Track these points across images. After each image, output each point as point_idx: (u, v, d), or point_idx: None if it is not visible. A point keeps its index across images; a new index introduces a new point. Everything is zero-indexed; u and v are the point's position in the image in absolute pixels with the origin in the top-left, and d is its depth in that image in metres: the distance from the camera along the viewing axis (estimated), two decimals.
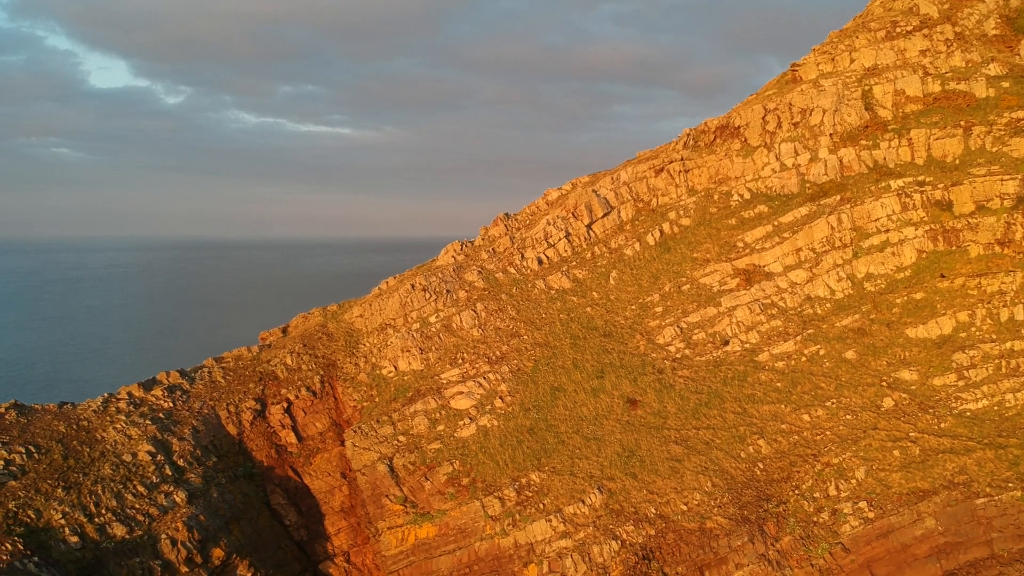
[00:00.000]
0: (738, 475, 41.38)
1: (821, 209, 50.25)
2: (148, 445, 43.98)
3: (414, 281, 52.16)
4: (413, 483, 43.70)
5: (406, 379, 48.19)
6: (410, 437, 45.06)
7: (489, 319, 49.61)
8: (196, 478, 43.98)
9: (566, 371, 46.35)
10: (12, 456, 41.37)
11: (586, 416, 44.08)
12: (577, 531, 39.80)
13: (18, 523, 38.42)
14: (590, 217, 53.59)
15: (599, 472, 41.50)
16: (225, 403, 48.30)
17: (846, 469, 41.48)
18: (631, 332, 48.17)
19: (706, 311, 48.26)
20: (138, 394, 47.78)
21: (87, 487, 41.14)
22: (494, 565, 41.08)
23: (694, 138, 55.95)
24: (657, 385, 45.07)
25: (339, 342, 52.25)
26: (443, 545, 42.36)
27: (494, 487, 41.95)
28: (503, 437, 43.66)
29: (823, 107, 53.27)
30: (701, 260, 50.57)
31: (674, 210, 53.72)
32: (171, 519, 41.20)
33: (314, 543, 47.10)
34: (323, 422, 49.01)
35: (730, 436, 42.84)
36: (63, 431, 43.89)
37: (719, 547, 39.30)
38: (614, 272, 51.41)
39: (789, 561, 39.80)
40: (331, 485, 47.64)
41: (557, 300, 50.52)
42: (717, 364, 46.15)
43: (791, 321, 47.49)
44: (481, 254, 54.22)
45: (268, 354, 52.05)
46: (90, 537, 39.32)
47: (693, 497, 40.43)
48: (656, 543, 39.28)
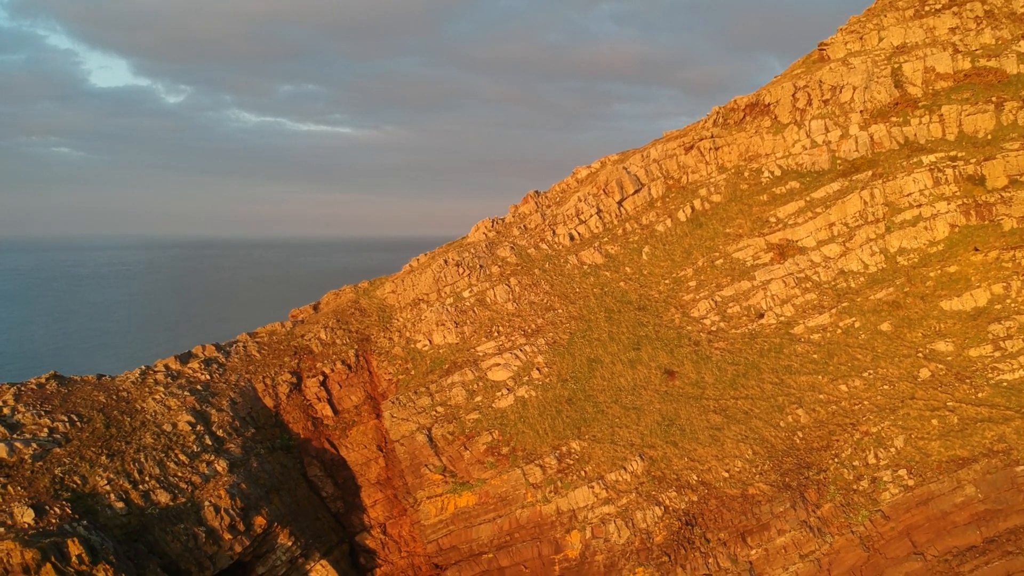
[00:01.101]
0: (778, 443, 41.60)
1: (853, 184, 50.47)
2: (188, 415, 44.15)
3: (447, 257, 52.37)
4: (452, 453, 43.89)
5: (442, 352, 48.39)
6: (448, 408, 45.26)
7: (523, 293, 49.80)
8: (236, 448, 44.17)
9: (602, 343, 46.56)
10: (55, 424, 41.54)
11: (624, 387, 44.29)
12: (620, 497, 40.00)
13: (65, 488, 38.62)
14: (621, 194, 53.80)
15: (639, 440, 41.70)
16: (261, 376, 48.49)
17: (885, 438, 41.69)
18: (665, 306, 48.39)
19: (740, 285, 48.47)
20: (175, 367, 47.96)
21: (130, 455, 41.32)
22: (535, 532, 41.29)
23: (723, 116, 56.16)
24: (694, 357, 45.29)
25: (372, 317, 52.43)
26: (483, 514, 42.57)
27: (535, 455, 42.15)
28: (542, 407, 43.87)
29: (853, 84, 53.50)
30: (734, 235, 50.79)
31: (704, 187, 53.93)
32: (213, 487, 41.38)
33: (350, 515, 47.24)
34: (358, 395, 49.18)
35: (769, 406, 43.06)
36: (103, 401, 44.07)
37: (761, 513, 39.51)
38: (646, 247, 51.62)
39: (830, 528, 40.01)
40: (367, 457, 47.79)
41: (590, 275, 50.73)
42: (753, 336, 46.37)
43: (825, 294, 47.72)
44: (512, 230, 54.41)
45: (302, 329, 52.23)
46: (135, 503, 39.50)
47: (735, 464, 40.64)
48: (699, 509, 39.50)
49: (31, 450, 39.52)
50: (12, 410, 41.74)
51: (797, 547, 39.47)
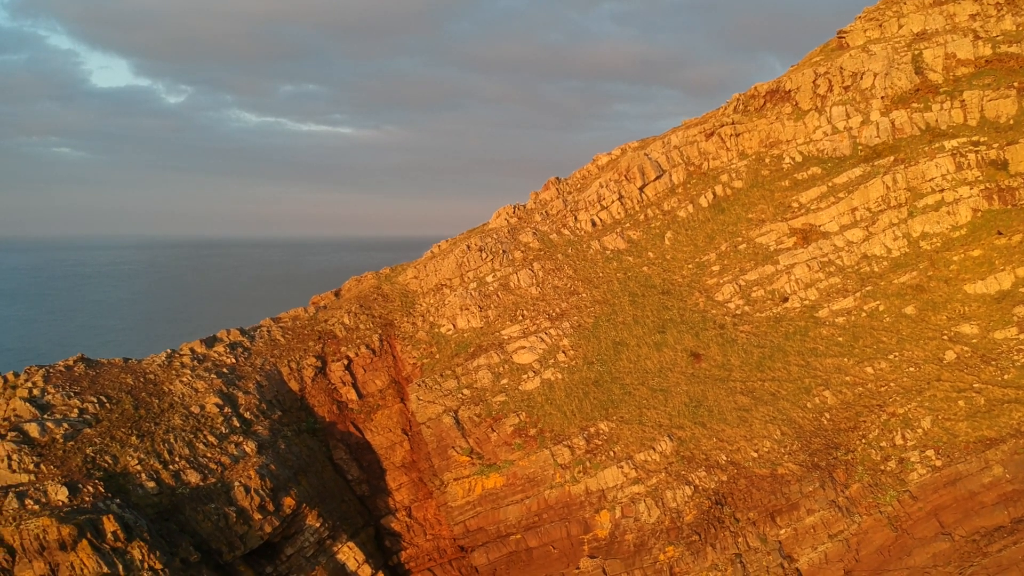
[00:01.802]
0: (806, 424, 41.73)
1: (875, 170, 50.61)
2: (215, 398, 44.27)
3: (469, 242, 52.48)
4: (479, 435, 44.01)
5: (466, 336, 48.51)
6: (474, 390, 45.38)
7: (547, 278, 49.93)
8: (263, 430, 44.29)
9: (627, 326, 46.69)
10: (85, 405, 41.67)
11: (650, 369, 44.41)
12: (649, 477, 40.14)
13: (97, 468, 38.74)
14: (642, 180, 53.93)
15: (668, 421, 41.83)
16: (286, 360, 48.61)
17: (912, 419, 41.82)
18: (689, 290, 48.52)
19: (764, 269, 48.60)
20: (200, 350, 48.07)
21: (159, 436, 41.44)
22: (564, 513, 41.41)
23: (743, 103, 56.30)
24: (720, 339, 45.42)
25: (395, 303, 52.55)
26: (510, 495, 42.67)
27: (562, 436, 42.27)
28: (568, 389, 43.99)
29: (874, 71, 53.64)
30: (756, 220, 50.92)
31: (726, 173, 54.06)
32: (243, 468, 41.49)
33: (375, 498, 47.33)
34: (382, 379, 49.28)
35: (795, 388, 43.18)
36: (131, 383, 44.18)
37: (791, 493, 39.63)
38: (669, 233, 51.76)
39: (858, 508, 40.13)
40: (392, 441, 47.90)
41: (613, 260, 50.86)
42: (778, 320, 46.50)
43: (849, 278, 47.85)
44: (534, 216, 54.53)
45: (324, 314, 52.34)
46: (166, 483, 39.62)
47: (763, 445, 40.78)
48: (728, 489, 39.63)
49: (62, 430, 39.66)
50: (42, 391, 41.87)
51: (826, 527, 39.58)
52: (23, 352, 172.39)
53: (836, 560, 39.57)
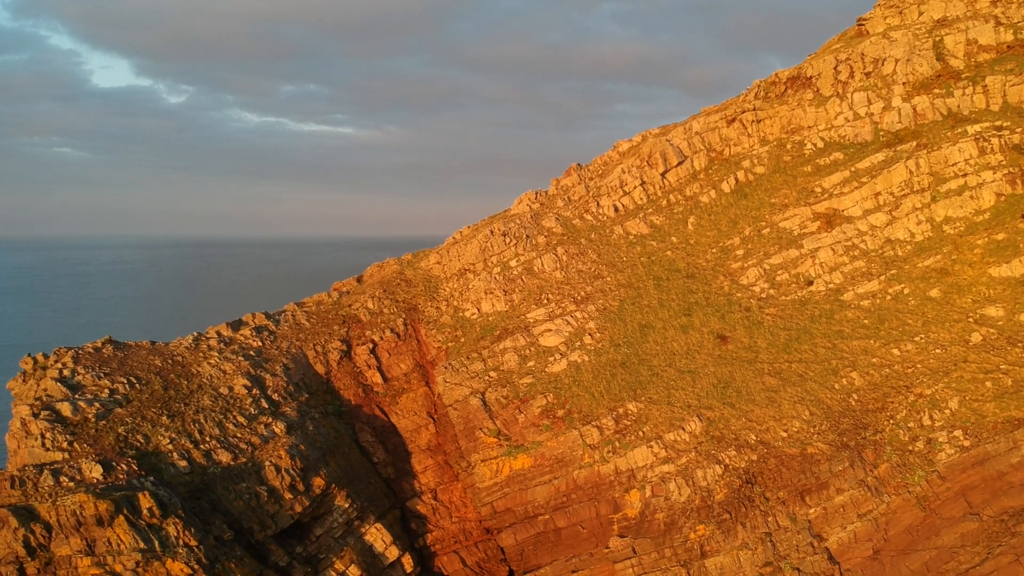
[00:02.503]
0: (834, 405, 41.86)
1: (898, 155, 50.71)
2: (243, 379, 44.39)
3: (492, 227, 52.62)
4: (506, 416, 44.14)
5: (491, 319, 48.65)
6: (501, 373, 45.51)
7: (571, 262, 50.05)
8: (291, 412, 44.42)
9: (652, 309, 46.82)
10: (115, 386, 41.80)
11: (677, 351, 44.55)
12: (679, 456, 40.26)
13: (129, 447, 38.88)
14: (664, 165, 54.05)
15: (696, 402, 41.96)
16: (311, 343, 48.75)
17: (939, 400, 41.93)
18: (714, 273, 48.65)
19: (788, 253, 48.71)
20: (226, 333, 48.21)
21: (189, 416, 41.57)
22: (593, 493, 41.53)
23: (764, 89, 56.43)
24: (746, 322, 45.55)
25: (418, 287, 52.67)
26: (538, 476, 42.79)
27: (591, 417, 42.40)
28: (596, 371, 44.12)
29: (895, 57, 53.76)
30: (779, 205, 51.05)
31: (747, 159, 54.19)
32: (273, 448, 41.62)
33: (401, 481, 47.46)
34: (407, 363, 49.41)
35: (823, 369, 43.30)
36: (159, 365, 44.33)
37: (820, 472, 39.75)
38: (692, 218, 51.88)
39: (887, 488, 40.25)
40: (417, 424, 48.02)
41: (636, 245, 50.99)
42: (803, 303, 46.63)
43: (873, 262, 47.96)
44: (556, 202, 54.67)
45: (348, 299, 52.48)
46: (197, 462, 39.76)
47: (792, 425, 40.90)
48: (758, 468, 39.75)
49: (94, 409, 39.81)
50: (72, 372, 42.02)
51: (855, 506, 39.71)
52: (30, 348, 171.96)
53: (865, 539, 39.71)
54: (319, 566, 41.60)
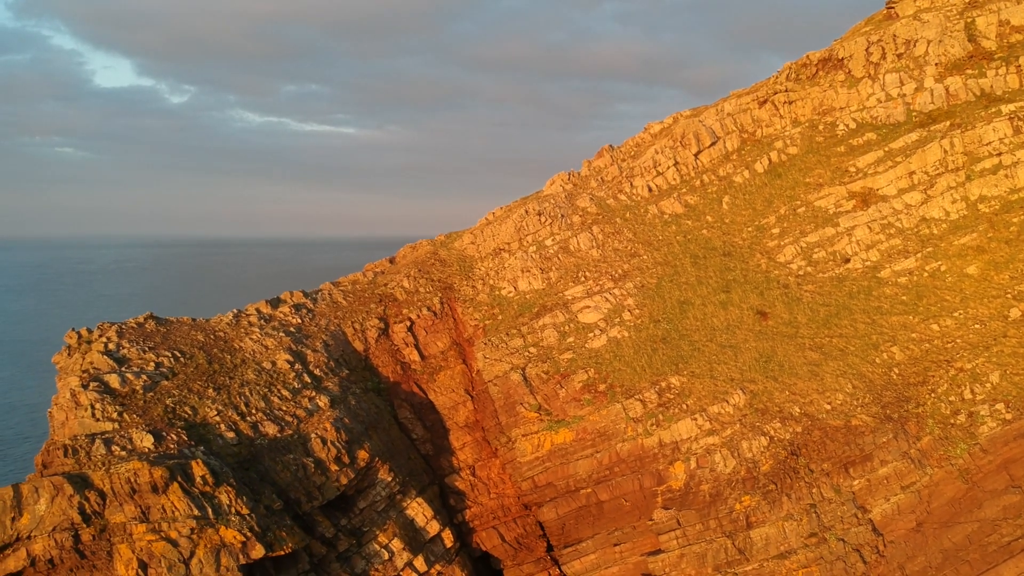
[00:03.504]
0: (876, 379, 42.06)
1: (932, 135, 50.92)
2: (285, 355, 44.60)
3: (527, 207, 52.82)
4: (547, 391, 44.32)
5: (528, 297, 48.85)
6: (541, 349, 45.71)
7: (607, 240, 50.26)
8: (333, 387, 44.62)
9: (691, 286, 47.02)
10: (160, 359, 42.02)
11: (718, 326, 44.75)
12: (724, 428, 40.45)
13: (178, 418, 39.09)
14: (698, 146, 54.26)
15: (739, 375, 42.16)
16: (349, 321, 48.95)
17: (980, 374, 42.13)
18: (750, 251, 48.85)
19: (824, 231, 48.92)
20: (266, 311, 48.42)
21: (235, 389, 41.78)
22: (636, 465, 41.71)
23: (795, 71, 56.62)
24: (785, 298, 45.76)
25: (453, 267, 52.88)
26: (580, 450, 42.96)
27: (633, 391, 42.59)
28: (637, 346, 44.32)
29: (927, 38, 53.96)
30: (814, 184, 51.25)
31: (780, 140, 54.39)
32: (318, 420, 41.82)
33: (439, 457, 47.64)
34: (444, 341, 49.60)
35: (863, 344, 43.50)
36: (202, 340, 44.53)
37: (864, 444, 39.94)
38: (726, 197, 52.08)
39: (929, 460, 40.45)
40: (455, 401, 48.20)
41: (671, 224, 51.20)
42: (841, 280, 46.83)
43: (909, 240, 48.17)
44: (590, 183, 54.87)
45: (384, 279, 52.69)
46: (244, 434, 39.96)
47: (836, 397, 41.09)
48: (803, 440, 39.94)
49: (141, 381, 40.02)
50: (117, 345, 42.24)
51: (899, 478, 39.91)
52: (38, 344, 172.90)
53: (908, 511, 39.91)
54: (363, 539, 41.79)
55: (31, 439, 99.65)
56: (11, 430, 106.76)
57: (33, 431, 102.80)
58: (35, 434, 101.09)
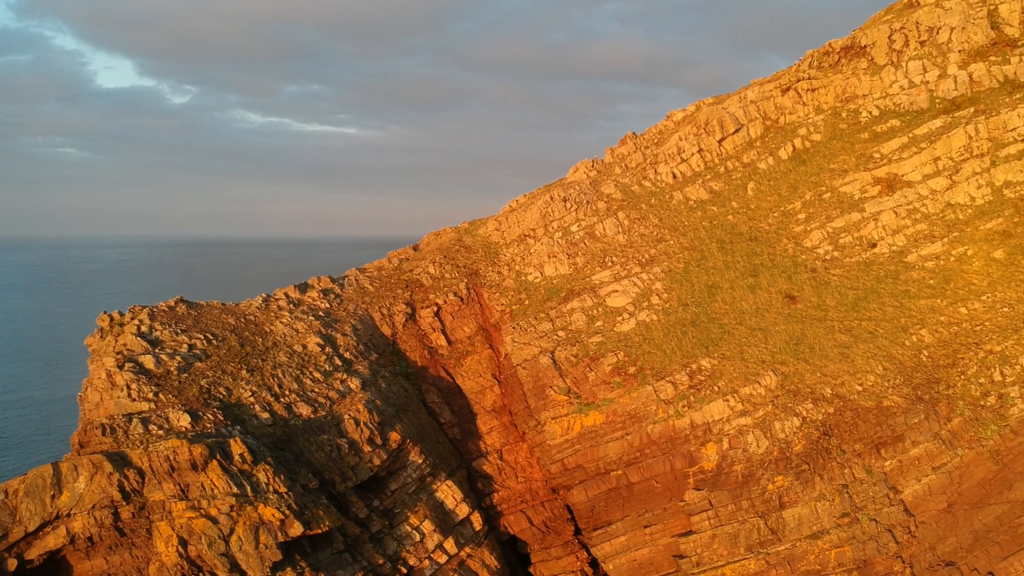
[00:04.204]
0: (906, 360, 42.19)
1: (956, 120, 51.06)
2: (316, 338, 44.77)
3: (551, 194, 52.98)
4: (576, 374, 44.47)
5: (555, 282, 49.01)
6: (569, 332, 45.86)
7: (632, 226, 50.41)
8: (364, 370, 44.78)
9: (718, 271, 47.18)
10: (193, 341, 42.19)
11: (747, 310, 44.90)
12: (756, 409, 40.58)
13: (213, 398, 39.26)
14: (722, 132, 54.42)
15: (770, 357, 42.30)
16: (377, 306, 49.13)
17: (1010, 356, 42.23)
18: (777, 236, 49.00)
19: (850, 216, 49.07)
20: (294, 295, 48.59)
21: (268, 371, 41.96)
22: (667, 447, 41.83)
23: (817, 59, 56.78)
24: (813, 282, 45.90)
25: (478, 253, 53.05)
26: (610, 432, 43.09)
27: (664, 373, 42.73)
28: (666, 329, 44.47)
29: (951, 25, 54.11)
30: (839, 170, 51.39)
31: (803, 127, 54.55)
32: (350, 402, 41.99)
33: (467, 441, 47.79)
34: (471, 326, 49.77)
35: (892, 327, 43.64)
36: (233, 323, 44.70)
37: (896, 425, 40.05)
38: (751, 183, 52.24)
39: (960, 441, 40.56)
40: (482, 385, 48.35)
41: (697, 210, 51.35)
42: (868, 264, 46.98)
43: (935, 225, 48.31)
44: (614, 169, 55.03)
45: (409, 265, 52.87)
46: (279, 414, 40.13)
47: (867, 379, 41.22)
48: (835, 421, 40.06)
49: (176, 363, 40.19)
50: (149, 328, 42.41)
51: (930, 459, 40.02)
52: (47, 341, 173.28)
53: (939, 492, 40.02)
54: (394, 520, 41.94)
55: (43, 431, 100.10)
56: (25, 422, 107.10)
57: (46, 424, 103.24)
58: (48, 427, 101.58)
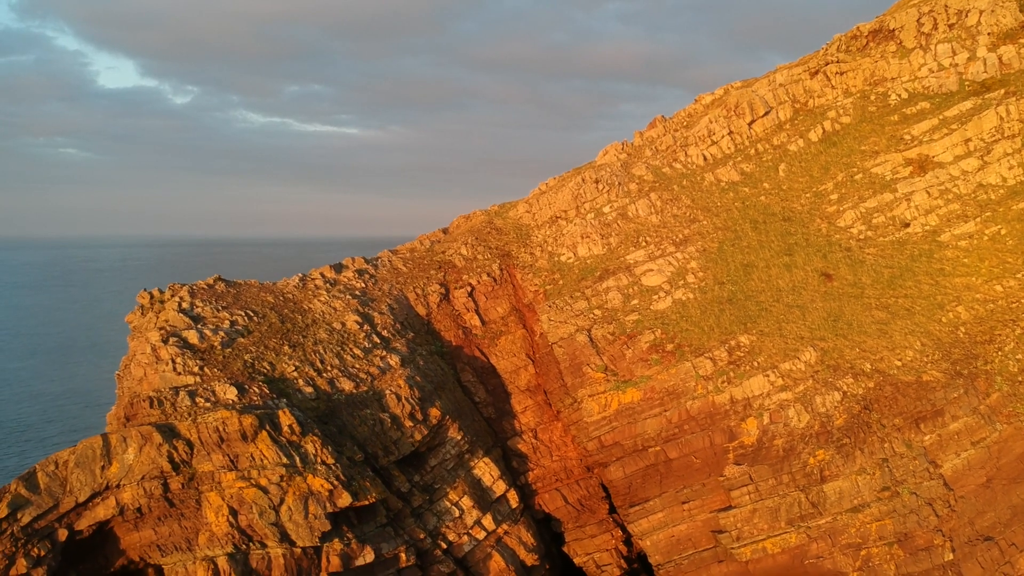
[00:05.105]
0: (943, 337, 42.39)
1: (987, 102, 51.23)
2: (354, 316, 44.99)
3: (583, 176, 53.18)
4: (613, 352, 44.67)
5: (589, 262, 49.21)
6: (605, 311, 46.06)
7: (665, 207, 50.62)
8: (402, 347, 44.97)
9: (753, 250, 47.38)
10: (235, 317, 42.41)
11: (783, 288, 45.10)
12: (796, 384, 40.78)
13: (257, 372, 39.48)
14: (751, 115, 54.62)
15: (808, 334, 42.50)
16: (411, 286, 49.33)
17: None
18: (810, 216, 49.21)
19: (883, 197, 49.27)
20: (329, 275, 48.81)
21: (309, 347, 42.17)
22: (706, 423, 42.02)
23: (845, 43, 56.98)
24: (848, 261, 46.11)
25: (509, 235, 53.25)
26: (648, 409, 43.28)
27: (703, 350, 42.93)
28: (703, 307, 44.68)
29: (979, 8, 54.29)
30: (870, 152, 51.59)
31: (832, 110, 54.74)
32: (391, 378, 42.19)
33: (501, 420, 47.99)
34: (504, 306, 49.97)
35: (929, 304, 43.84)
36: (271, 301, 44.92)
37: (936, 399, 40.24)
38: (782, 165, 52.44)
39: (999, 416, 40.76)
40: (516, 365, 48.55)
41: (729, 191, 51.55)
42: (902, 243, 47.19)
43: (968, 205, 48.51)
44: (644, 152, 55.23)
45: (441, 247, 53.08)
46: (322, 389, 40.35)
47: (906, 354, 41.43)
48: (875, 395, 40.25)
49: (219, 338, 40.41)
50: (191, 304, 42.62)
51: (969, 433, 40.20)
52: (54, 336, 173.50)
53: (978, 467, 40.20)
54: (434, 495, 42.16)
55: (55, 422, 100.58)
56: (37, 415, 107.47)
57: (58, 415, 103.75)
58: (60, 417, 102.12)
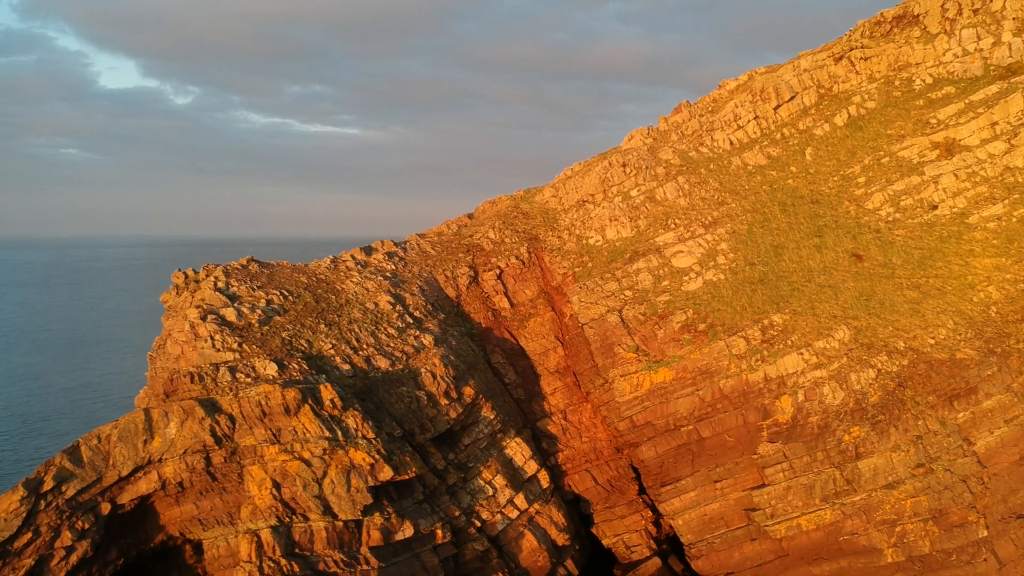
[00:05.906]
0: (975, 316, 42.56)
1: (1013, 86, 51.39)
2: (387, 296, 45.19)
3: (609, 160, 53.38)
4: (645, 332, 44.85)
5: (617, 245, 49.41)
6: (636, 292, 46.25)
7: (693, 190, 50.82)
8: (434, 328, 45.19)
9: (782, 232, 47.57)
10: (270, 297, 42.63)
11: (814, 268, 45.30)
12: (831, 362, 40.96)
13: (295, 350, 39.69)
14: (777, 100, 54.83)
15: (841, 313, 42.69)
16: (440, 269, 49.55)
17: None
18: (838, 199, 49.40)
19: (910, 180, 49.44)
20: (360, 257, 49.01)
21: (344, 326, 42.38)
22: (740, 401, 42.19)
23: (869, 29, 57.20)
24: (878, 242, 46.30)
25: (536, 219, 53.46)
26: (680, 388, 43.45)
27: (735, 329, 43.11)
28: (734, 287, 44.87)
29: None
30: (896, 136, 51.77)
31: (857, 95, 54.94)
32: (425, 357, 42.39)
33: (531, 402, 48.18)
34: (532, 289, 50.17)
35: (960, 284, 44.02)
36: (305, 281, 45.12)
37: (969, 377, 40.41)
38: (809, 149, 52.64)
39: None
40: (545, 347, 48.73)
41: (756, 174, 51.75)
42: (930, 225, 47.36)
43: (995, 188, 48.66)
44: (670, 136, 55.44)
45: (468, 231, 53.29)
46: (359, 367, 40.56)
47: (939, 333, 41.61)
48: (909, 372, 40.44)
49: (256, 316, 40.61)
50: (226, 284, 42.83)
51: (1003, 411, 40.35)
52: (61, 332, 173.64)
53: (1012, 444, 40.33)
54: (468, 474, 42.37)
55: (68, 415, 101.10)
56: (49, 407, 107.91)
57: (70, 408, 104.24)
58: (71, 410, 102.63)
